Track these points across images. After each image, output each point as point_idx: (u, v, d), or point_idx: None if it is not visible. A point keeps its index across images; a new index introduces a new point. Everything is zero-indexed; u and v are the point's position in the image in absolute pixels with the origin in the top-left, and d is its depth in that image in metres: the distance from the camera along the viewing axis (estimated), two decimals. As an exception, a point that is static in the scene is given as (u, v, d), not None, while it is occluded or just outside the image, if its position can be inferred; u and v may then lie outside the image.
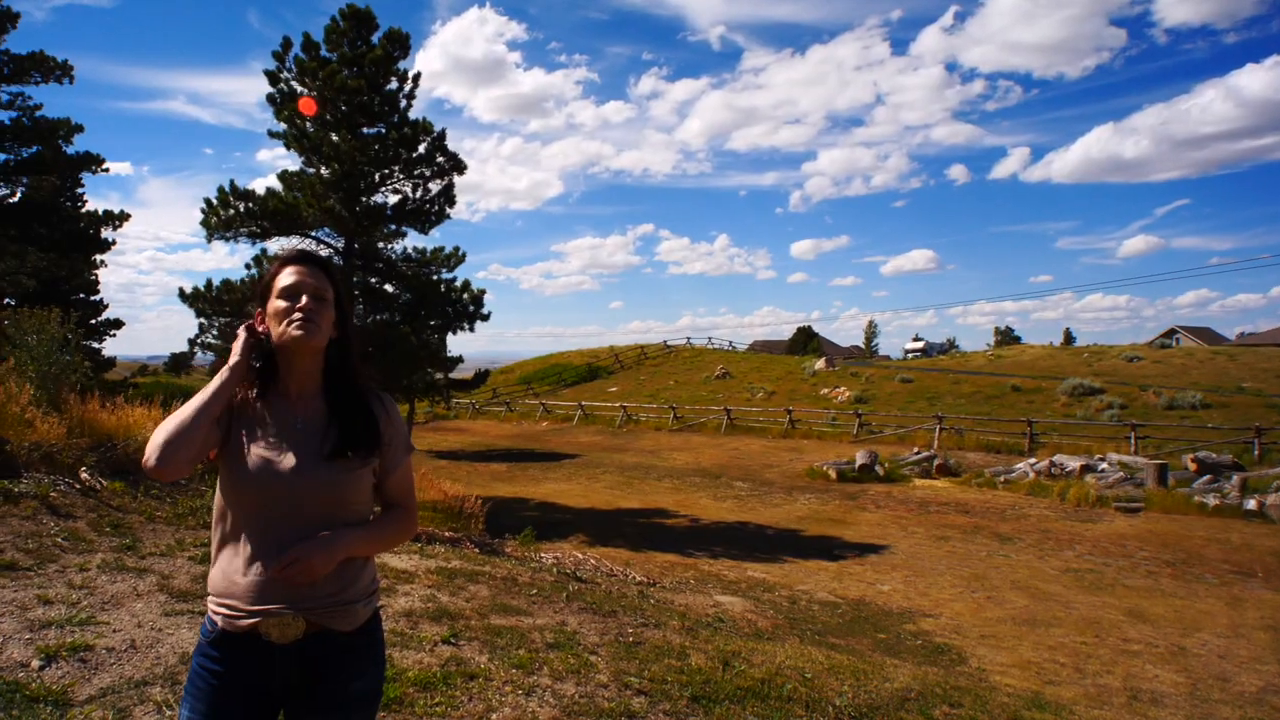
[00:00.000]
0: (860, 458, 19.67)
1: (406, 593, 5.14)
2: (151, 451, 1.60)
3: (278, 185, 16.16)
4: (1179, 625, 8.42)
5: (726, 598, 8.72)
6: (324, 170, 15.77)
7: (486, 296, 17.04)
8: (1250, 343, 56.08)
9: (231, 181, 15.46)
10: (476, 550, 8.82)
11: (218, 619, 1.71)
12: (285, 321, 1.76)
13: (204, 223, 15.55)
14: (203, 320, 15.83)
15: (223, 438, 1.73)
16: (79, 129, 20.91)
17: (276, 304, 1.78)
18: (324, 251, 16.45)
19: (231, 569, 1.69)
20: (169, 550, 5.62)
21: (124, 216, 24.80)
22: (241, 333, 1.76)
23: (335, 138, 15.54)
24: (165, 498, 7.33)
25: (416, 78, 16.58)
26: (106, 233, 24.24)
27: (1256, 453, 19.64)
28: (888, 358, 67.22)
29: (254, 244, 16.24)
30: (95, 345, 27.54)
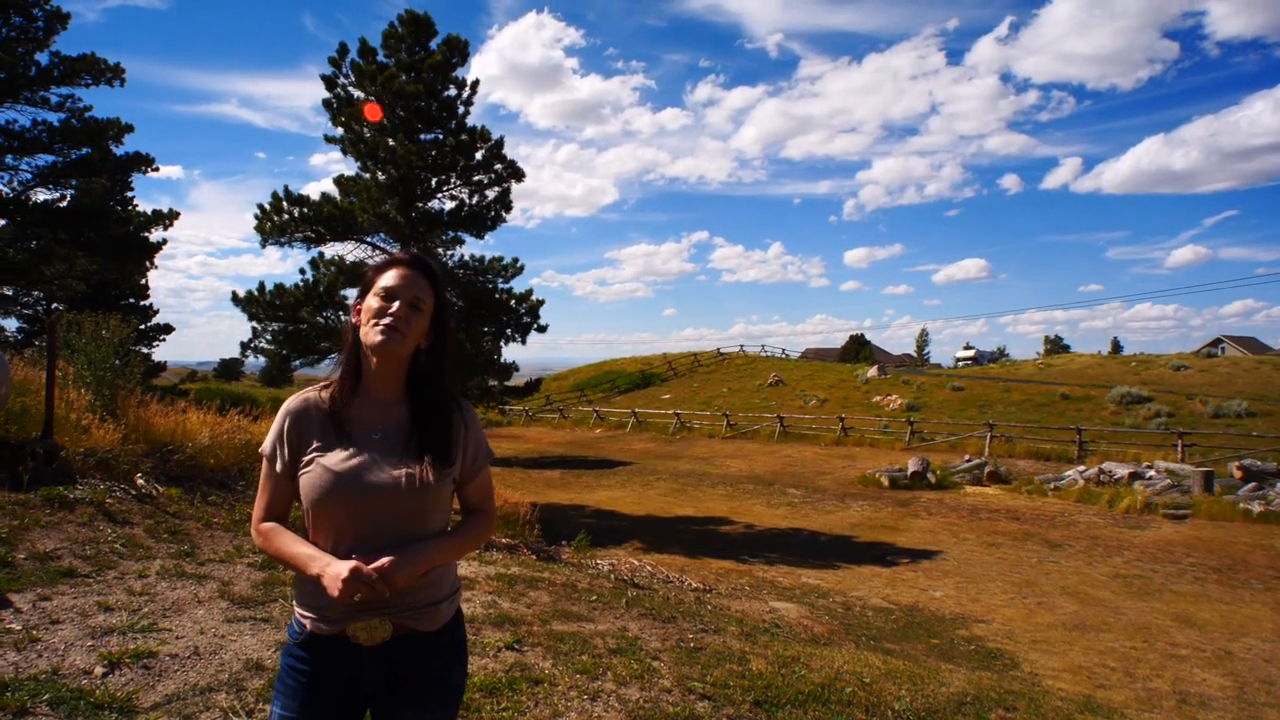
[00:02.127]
0: (912, 465, 19.36)
1: (467, 599, 5.26)
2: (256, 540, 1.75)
3: (333, 190, 15.81)
4: (1225, 630, 8.14)
5: (782, 604, 8.73)
6: (380, 175, 15.49)
7: (542, 306, 16.63)
8: (1302, 347, 53.32)
9: (285, 187, 15.20)
10: (534, 557, 8.86)
11: (306, 622, 1.70)
12: (373, 324, 1.71)
13: (258, 228, 15.24)
14: (255, 324, 15.58)
15: (294, 462, 1.73)
16: (129, 129, 20.08)
17: (371, 303, 1.74)
18: (379, 257, 16.51)
19: None
20: (228, 557, 5.53)
21: (173, 215, 23.82)
22: (340, 581, 1.56)
23: (392, 143, 15.13)
24: (222, 504, 7.19)
25: (475, 85, 16.26)
26: (156, 233, 23.32)
27: (1308, 459, 18.75)
28: (939, 366, 65.84)
29: (308, 249, 15.92)
30: (145, 350, 27.33)
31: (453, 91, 16.14)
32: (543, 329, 16.60)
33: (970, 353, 71.11)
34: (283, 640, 3.87)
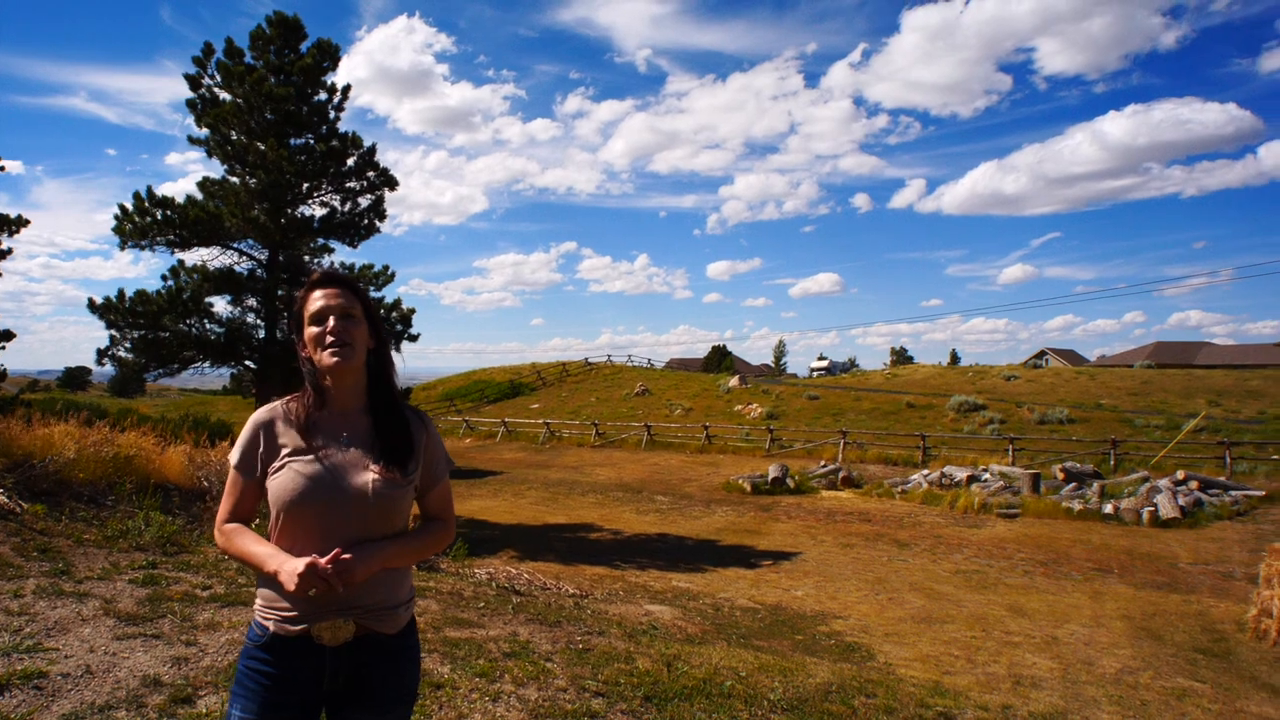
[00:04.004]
0: (772, 471, 20.28)
1: None
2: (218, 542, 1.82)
3: (197, 193, 15.30)
4: (1051, 618, 9.10)
5: (656, 607, 8.98)
6: (250, 180, 15.04)
7: (414, 315, 16.52)
8: (1107, 364, 60.06)
9: (149, 188, 14.56)
10: (414, 567, 8.81)
11: (269, 623, 1.75)
12: (320, 350, 1.80)
13: (117, 230, 14.56)
14: (114, 332, 14.75)
15: (261, 470, 1.79)
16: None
17: (310, 330, 1.83)
18: (246, 263, 15.77)
19: None
20: (106, 574, 5.30)
21: (21, 222, 22.46)
22: (297, 578, 1.64)
23: (262, 147, 14.79)
24: (93, 520, 6.86)
25: (346, 90, 16.06)
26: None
27: (1113, 462, 21.20)
28: (795, 376, 69.07)
29: (171, 254, 15.29)
30: (-16, 359, 25.28)
31: (324, 96, 15.82)
32: (414, 338, 16.46)
33: (824, 363, 75.19)
34: (177, 655, 3.80)
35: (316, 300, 1.85)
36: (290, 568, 1.64)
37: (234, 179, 15.53)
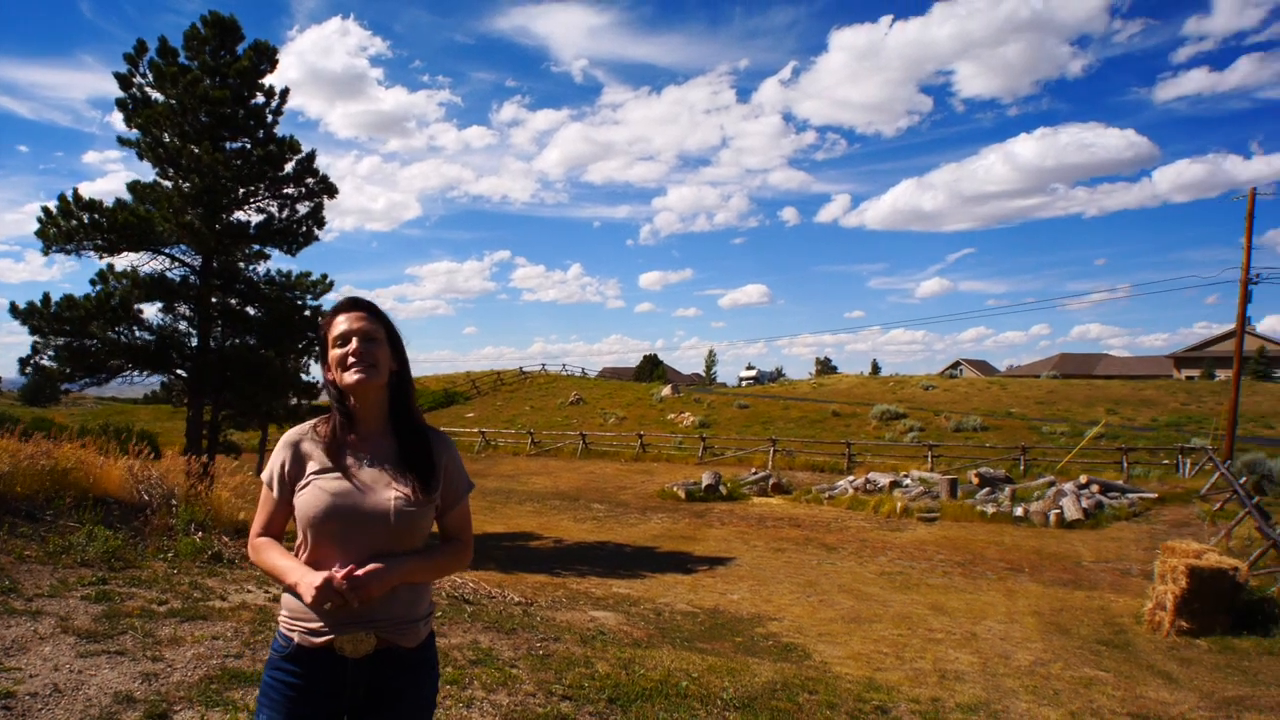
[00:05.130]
0: (706, 479, 20.66)
1: None
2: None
3: (125, 195, 14.71)
4: (970, 615, 9.63)
5: (600, 613, 9.12)
6: (184, 184, 14.50)
7: None
8: (1016, 374, 62.96)
9: (75, 190, 13.97)
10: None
11: (294, 635, 1.80)
12: (344, 370, 1.86)
13: (40, 233, 13.91)
14: (38, 339, 14.03)
15: (290, 487, 1.87)
16: None
17: (334, 353, 1.89)
18: (179, 270, 15.29)
19: None
20: (55, 591, 5.14)
21: None
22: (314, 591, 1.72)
23: (197, 150, 14.24)
24: (33, 536, 6.60)
25: (285, 93, 15.66)
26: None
27: (1023, 468, 22.33)
28: (725, 385, 70.05)
29: (99, 258, 14.58)
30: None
31: (261, 99, 15.35)
32: (356, 348, 15.85)
33: (752, 372, 76.48)
34: (146, 671, 3.76)
35: (340, 324, 1.91)
36: (309, 580, 1.72)
37: (166, 182, 14.93)
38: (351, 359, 1.87)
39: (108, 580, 5.48)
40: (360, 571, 1.74)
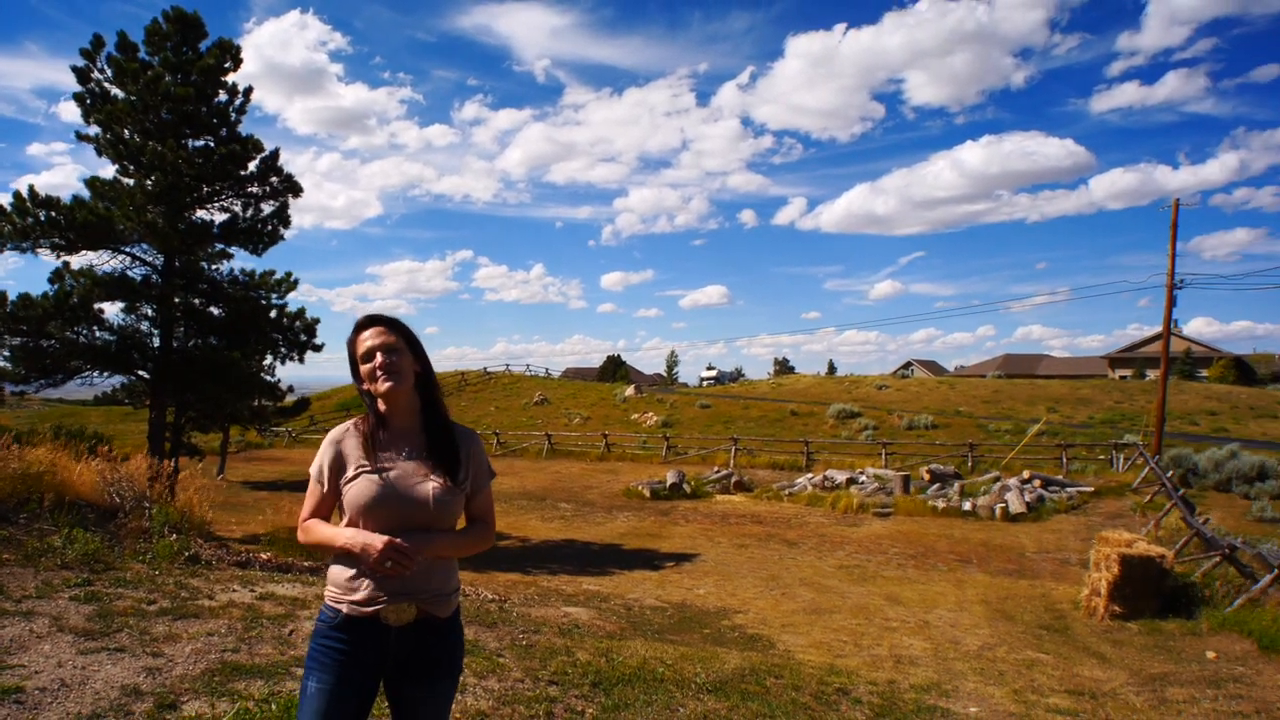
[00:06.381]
0: (670, 477, 20.91)
1: (310, 616, 5.27)
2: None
3: (76, 189, 14.54)
4: (922, 605, 10.02)
5: (572, 609, 9.29)
6: (146, 181, 14.25)
7: (318, 324, 15.99)
8: (964, 374, 64.57)
9: (31, 187, 13.61)
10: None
11: (342, 607, 2.01)
12: (374, 382, 2.10)
13: None
14: None
15: (336, 480, 2.09)
16: None
17: (364, 367, 2.12)
18: (141, 269, 15.00)
19: (355, 566, 2.01)
20: (43, 592, 5.15)
21: None
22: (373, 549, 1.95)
23: (160, 148, 13.99)
24: (9, 539, 6.50)
25: (248, 92, 15.48)
26: None
27: (971, 464, 23.05)
28: (686, 385, 70.51)
29: (56, 256, 14.23)
30: None
31: (224, 98, 15.10)
32: (318, 347, 15.85)
33: (713, 373, 77.07)
34: (148, 666, 3.86)
35: (364, 341, 2.14)
36: (371, 542, 1.95)
37: (127, 180, 14.65)
38: (379, 371, 2.10)
39: (93, 581, 5.50)
40: (399, 544, 1.96)
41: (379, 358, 2.11)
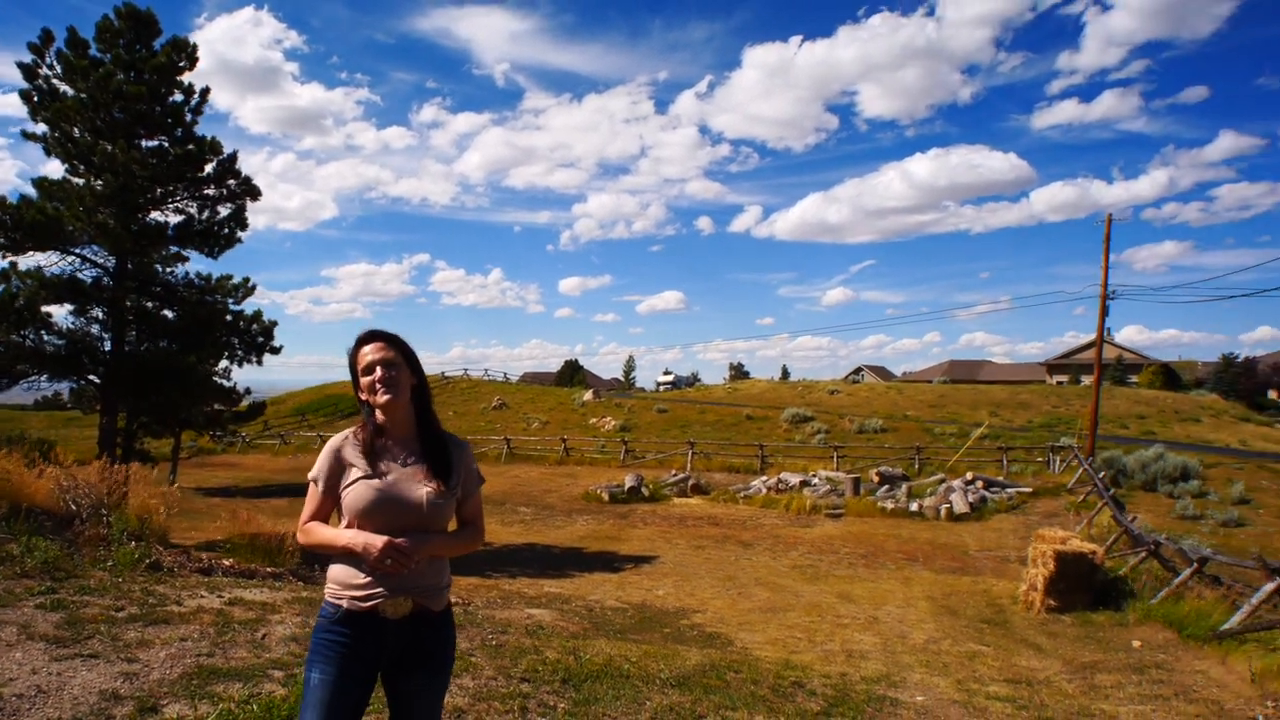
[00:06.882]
0: (628, 481, 21.08)
1: (281, 620, 5.32)
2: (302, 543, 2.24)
3: (25, 189, 14.11)
4: (872, 602, 10.36)
5: (536, 610, 9.38)
6: (96, 182, 13.91)
7: (275, 328, 15.67)
8: (912, 379, 66.13)
9: None
10: (300, 583, 8.72)
11: (342, 602, 2.12)
12: (373, 394, 2.22)
13: None
14: None
15: (335, 485, 2.21)
16: None
17: (364, 380, 2.25)
18: (91, 271, 14.61)
19: (355, 565, 2.13)
20: (6, 601, 5.01)
21: None
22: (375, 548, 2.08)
23: (112, 148, 13.66)
24: None
25: (205, 92, 15.14)
26: None
27: (917, 466, 23.70)
28: (644, 389, 70.82)
29: (3, 257, 13.81)
30: None
31: (179, 97, 14.78)
32: (276, 350, 15.54)
33: (669, 377, 77.55)
34: (125, 672, 3.87)
35: (365, 355, 2.26)
36: (372, 542, 2.09)
37: (77, 180, 14.26)
38: (379, 384, 2.23)
39: (57, 589, 5.44)
40: (399, 543, 2.09)
41: (379, 371, 2.24)
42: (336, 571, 2.18)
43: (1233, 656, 6.88)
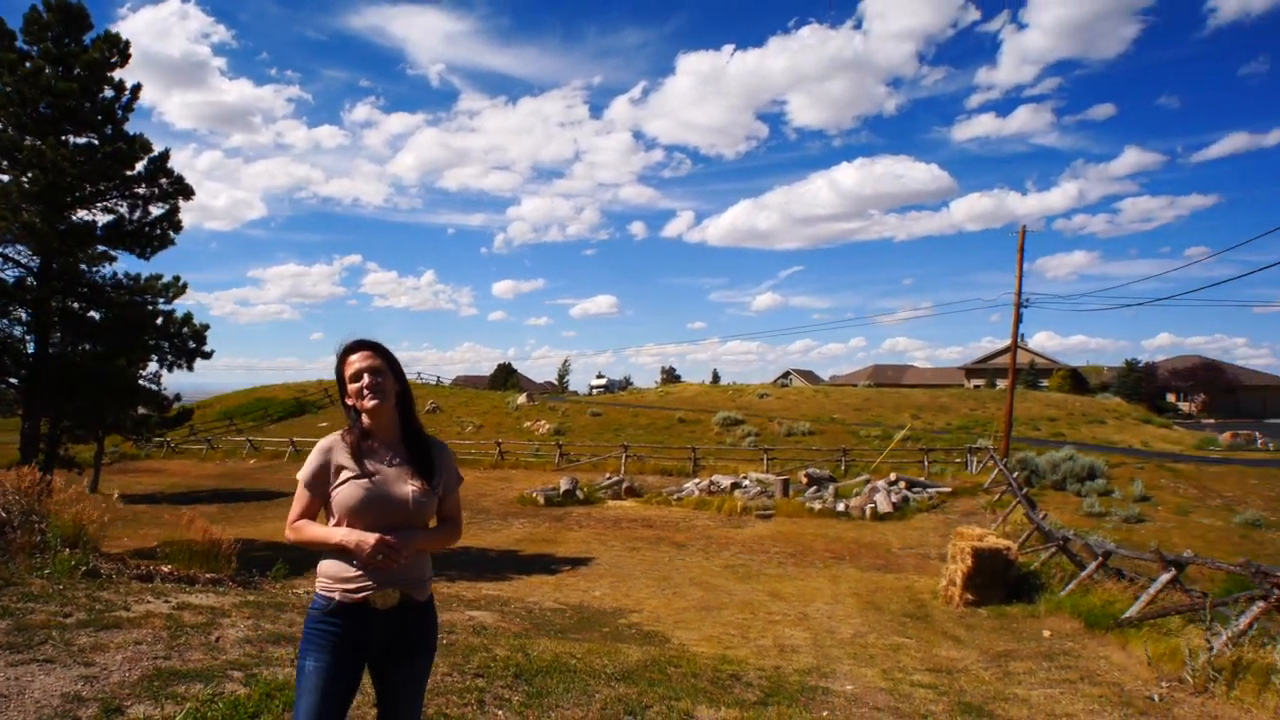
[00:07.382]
0: (563, 484, 21.22)
1: (232, 624, 5.35)
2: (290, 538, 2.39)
3: None
4: (801, 599, 10.82)
5: (476, 612, 9.50)
6: (22, 179, 13.38)
7: (208, 330, 15.28)
8: (838, 383, 67.97)
9: None
10: (241, 588, 8.64)
11: (334, 595, 2.27)
12: (360, 401, 2.37)
13: None
14: None
15: (324, 485, 2.35)
16: None
17: (352, 386, 2.40)
18: (14, 270, 13.99)
19: (346, 559, 2.29)
20: None
21: None
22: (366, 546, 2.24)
23: (38, 143, 13.17)
24: None
25: (136, 89, 14.77)
26: None
27: (844, 468, 24.55)
28: (577, 393, 70.76)
29: None
30: None
31: (110, 94, 14.31)
32: (208, 355, 15.13)
33: (602, 381, 77.78)
34: (84, 675, 3.89)
35: (353, 363, 2.42)
36: (366, 539, 2.26)
37: (2, 176, 13.64)
38: (366, 390, 2.40)
39: (-4, 598, 5.34)
40: (388, 540, 2.27)
41: (366, 378, 2.39)
42: (327, 566, 2.33)
43: (1133, 642, 7.46)
